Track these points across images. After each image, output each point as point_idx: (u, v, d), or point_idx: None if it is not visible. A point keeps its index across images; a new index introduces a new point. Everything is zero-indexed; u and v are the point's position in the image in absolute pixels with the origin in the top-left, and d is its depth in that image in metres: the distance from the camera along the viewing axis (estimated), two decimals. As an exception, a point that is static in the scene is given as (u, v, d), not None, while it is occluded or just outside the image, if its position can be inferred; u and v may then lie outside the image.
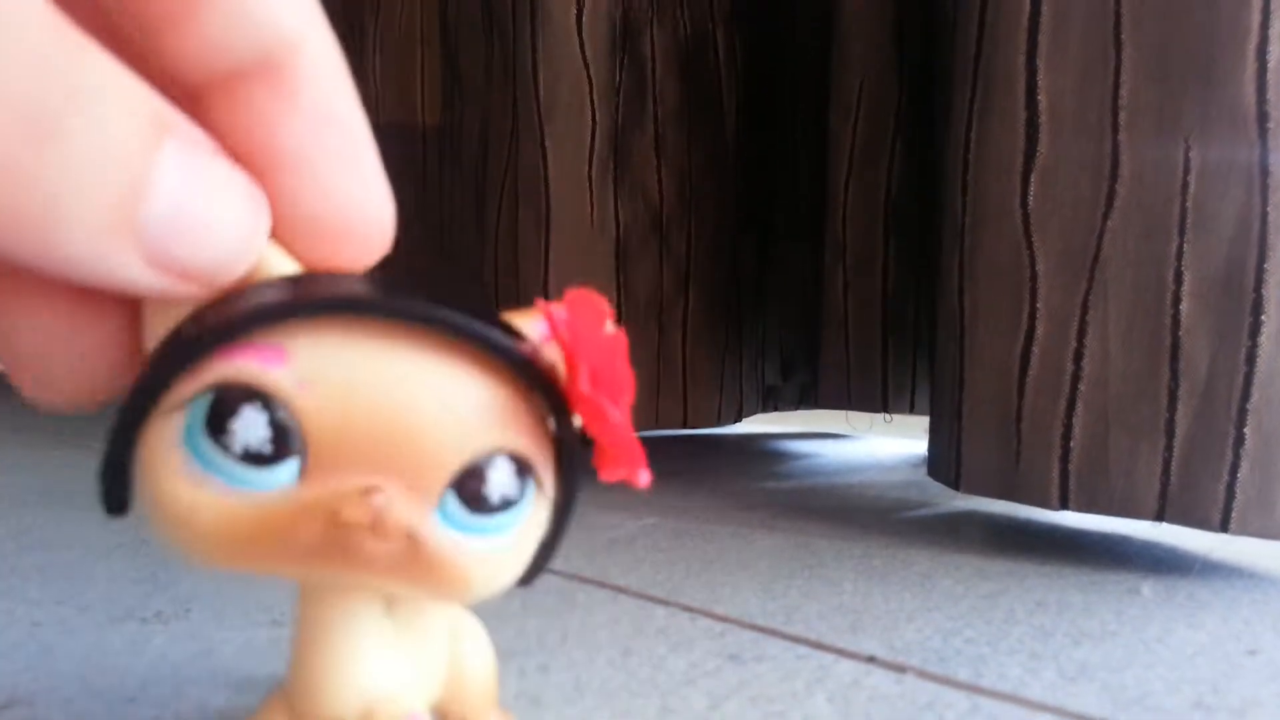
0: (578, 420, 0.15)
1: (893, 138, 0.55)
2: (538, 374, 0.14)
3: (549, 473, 0.15)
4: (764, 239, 0.61)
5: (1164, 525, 0.36)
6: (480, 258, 0.57)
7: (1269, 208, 0.33)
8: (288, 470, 0.13)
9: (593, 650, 0.27)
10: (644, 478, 0.15)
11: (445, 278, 0.65)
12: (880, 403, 0.57)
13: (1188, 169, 0.35)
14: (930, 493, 0.51)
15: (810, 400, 0.64)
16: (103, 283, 0.12)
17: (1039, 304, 0.37)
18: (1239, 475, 0.34)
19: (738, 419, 0.59)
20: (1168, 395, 0.35)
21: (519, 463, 0.15)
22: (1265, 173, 0.33)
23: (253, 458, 0.13)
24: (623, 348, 0.15)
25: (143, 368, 0.14)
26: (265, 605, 0.29)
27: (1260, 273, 0.34)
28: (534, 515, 0.15)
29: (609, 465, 0.15)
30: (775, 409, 0.64)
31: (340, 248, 0.15)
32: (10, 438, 0.65)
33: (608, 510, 0.45)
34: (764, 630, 0.30)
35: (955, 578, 0.36)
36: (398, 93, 0.77)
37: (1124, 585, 0.35)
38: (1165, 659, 0.28)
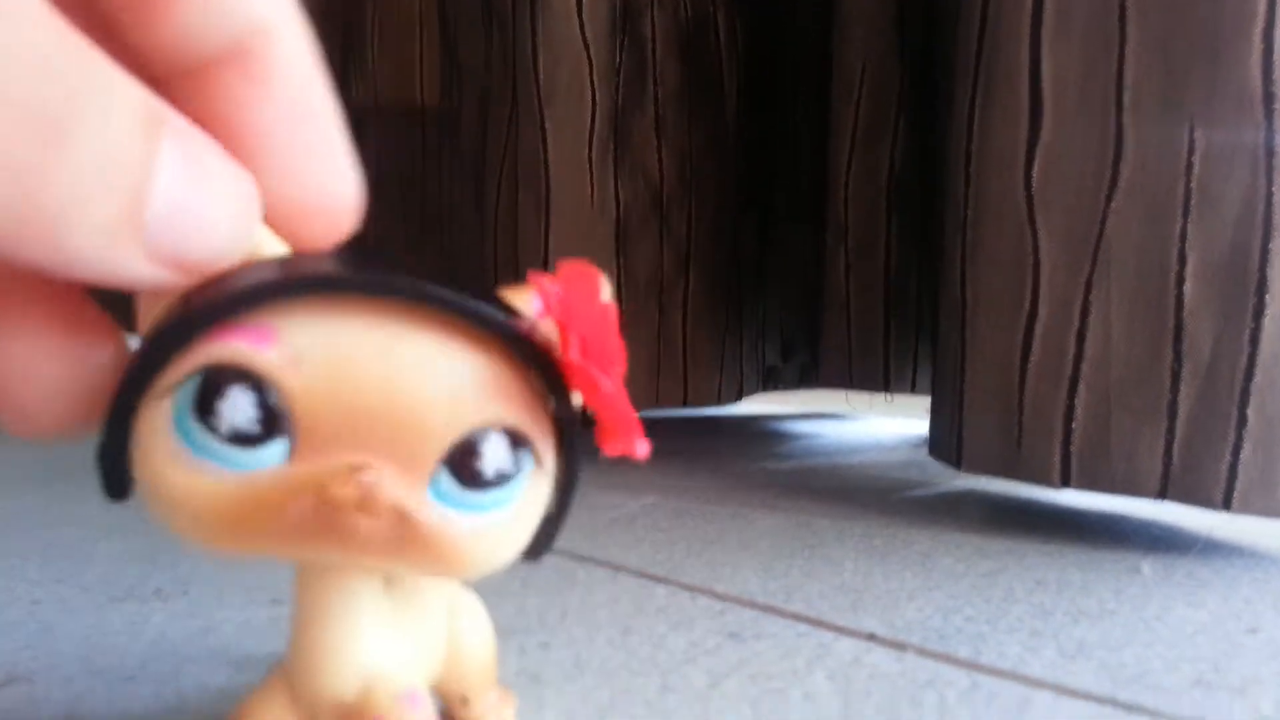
0: (577, 395, 0.15)
1: (895, 118, 0.55)
2: (531, 348, 0.14)
3: (548, 447, 0.15)
4: (765, 220, 0.61)
5: (1164, 504, 0.36)
6: (480, 238, 0.57)
7: (1274, 190, 0.33)
8: (277, 450, 0.13)
9: (593, 628, 0.28)
10: (642, 449, 0.15)
11: (441, 255, 0.65)
12: (882, 383, 0.57)
13: (1192, 151, 0.34)
14: (930, 472, 0.52)
15: (811, 380, 0.64)
16: (106, 280, 0.12)
17: (1042, 286, 0.37)
18: (1241, 456, 0.34)
19: (738, 399, 0.59)
20: (1170, 377, 0.35)
21: (514, 437, 0.14)
22: (1270, 155, 0.33)
23: (241, 438, 0.13)
24: (614, 319, 0.15)
25: (135, 353, 0.14)
26: (265, 584, 0.29)
27: (1265, 254, 0.33)
28: (533, 490, 0.15)
29: (607, 438, 0.15)
30: (775, 389, 0.64)
31: (308, 230, 0.15)
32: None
33: (608, 490, 0.45)
34: (764, 609, 0.30)
35: (955, 556, 0.36)
36: (397, 74, 0.76)
37: (1124, 564, 0.35)
38: (1165, 637, 0.28)
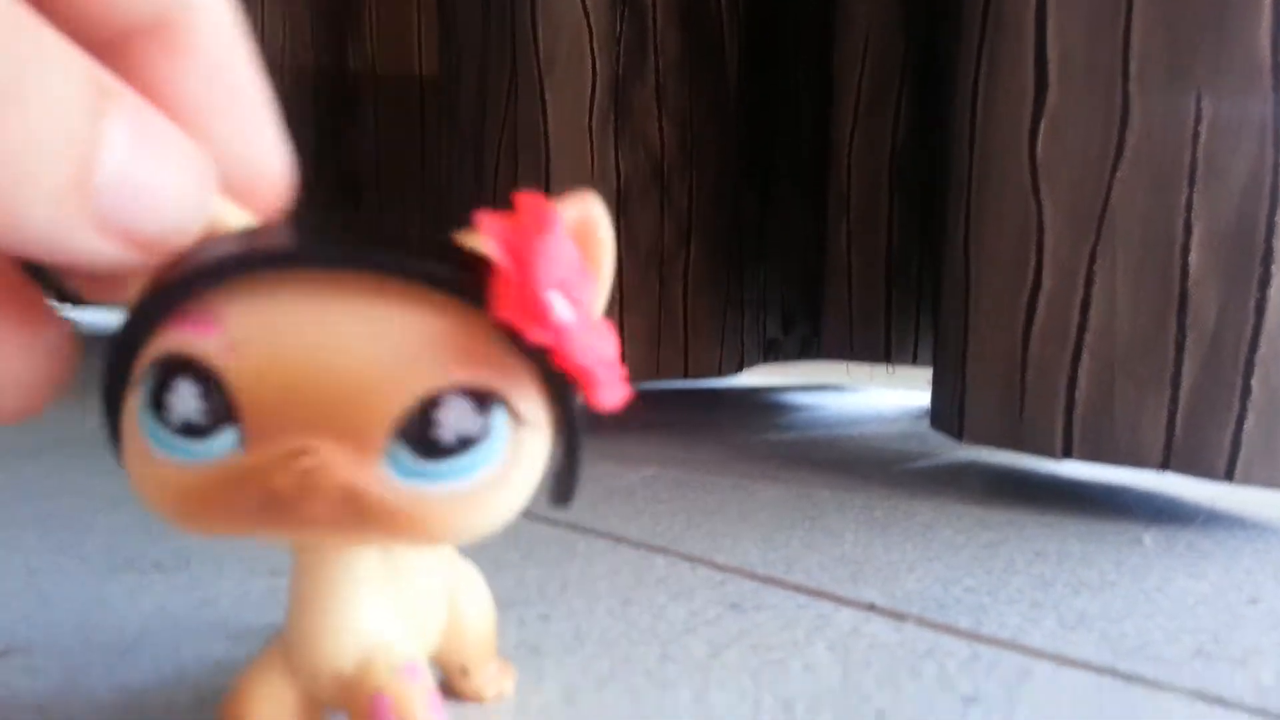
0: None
1: (899, 88, 0.54)
2: (484, 298, 0.13)
3: (531, 400, 0.14)
4: (766, 190, 0.60)
5: (1166, 476, 0.36)
6: (479, 208, 0.56)
7: (1282, 159, 0.33)
8: (228, 439, 0.13)
9: (593, 599, 0.27)
10: (613, 390, 0.14)
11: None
12: (883, 354, 0.57)
13: (1199, 120, 0.34)
14: (931, 444, 0.51)
15: (812, 352, 0.64)
16: (58, 254, 0.12)
17: (1046, 255, 0.37)
18: (1245, 426, 0.34)
19: (739, 370, 0.59)
20: (1175, 347, 0.35)
21: (479, 397, 0.14)
22: (1278, 124, 0.33)
23: (191, 430, 0.13)
24: (570, 250, 0.14)
25: (109, 340, 0.14)
26: (264, 555, 0.29)
27: (1271, 225, 0.33)
28: (521, 447, 0.14)
29: (583, 384, 0.14)
30: (776, 361, 0.64)
31: (239, 205, 0.15)
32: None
33: (608, 461, 0.45)
34: (764, 579, 0.30)
35: (956, 527, 0.36)
36: (394, 44, 0.75)
37: (1125, 535, 0.35)
38: (1165, 608, 0.28)
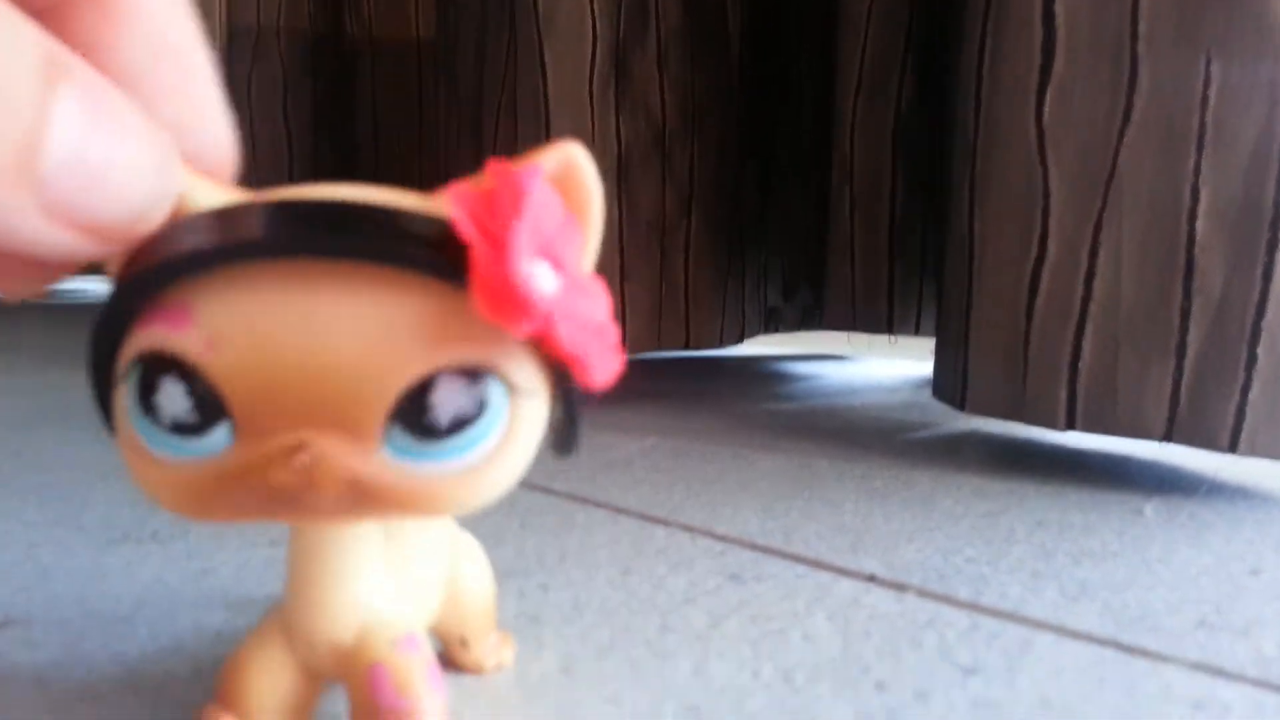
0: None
1: (903, 57, 0.53)
2: (465, 276, 0.13)
3: (522, 365, 0.14)
4: (769, 159, 0.60)
5: (1168, 446, 0.36)
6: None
7: (1291, 123, 0.32)
8: (220, 435, 0.13)
9: (592, 570, 0.27)
10: (605, 365, 0.14)
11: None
12: (886, 324, 0.57)
13: (1208, 84, 0.33)
14: (932, 414, 0.51)
15: (813, 322, 0.63)
16: (3, 243, 0.12)
17: (1051, 224, 0.36)
18: (1250, 396, 0.34)
19: (739, 340, 0.59)
20: (1180, 315, 0.34)
21: (470, 374, 0.13)
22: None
23: (182, 428, 0.13)
24: (553, 206, 0.14)
25: (90, 335, 0.14)
26: (261, 526, 0.29)
27: None
28: (519, 414, 0.14)
29: (578, 372, 0.14)
30: (777, 331, 0.63)
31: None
32: (1, 358, 0.65)
33: (608, 431, 0.45)
34: (764, 550, 0.29)
35: (956, 498, 0.36)
36: (391, 7, 0.75)
37: (1127, 505, 0.35)
38: (1167, 579, 0.28)
